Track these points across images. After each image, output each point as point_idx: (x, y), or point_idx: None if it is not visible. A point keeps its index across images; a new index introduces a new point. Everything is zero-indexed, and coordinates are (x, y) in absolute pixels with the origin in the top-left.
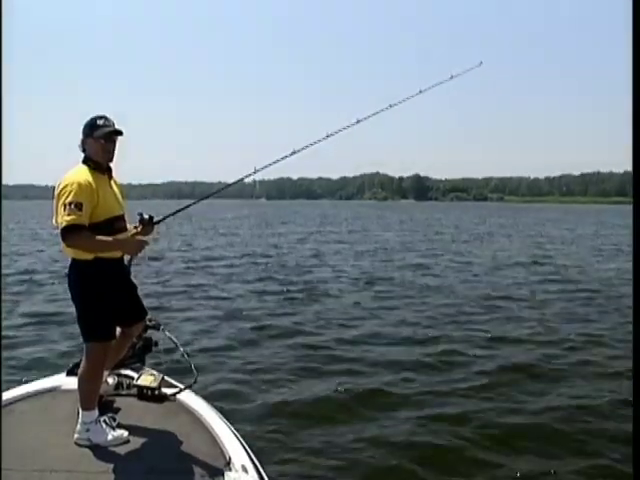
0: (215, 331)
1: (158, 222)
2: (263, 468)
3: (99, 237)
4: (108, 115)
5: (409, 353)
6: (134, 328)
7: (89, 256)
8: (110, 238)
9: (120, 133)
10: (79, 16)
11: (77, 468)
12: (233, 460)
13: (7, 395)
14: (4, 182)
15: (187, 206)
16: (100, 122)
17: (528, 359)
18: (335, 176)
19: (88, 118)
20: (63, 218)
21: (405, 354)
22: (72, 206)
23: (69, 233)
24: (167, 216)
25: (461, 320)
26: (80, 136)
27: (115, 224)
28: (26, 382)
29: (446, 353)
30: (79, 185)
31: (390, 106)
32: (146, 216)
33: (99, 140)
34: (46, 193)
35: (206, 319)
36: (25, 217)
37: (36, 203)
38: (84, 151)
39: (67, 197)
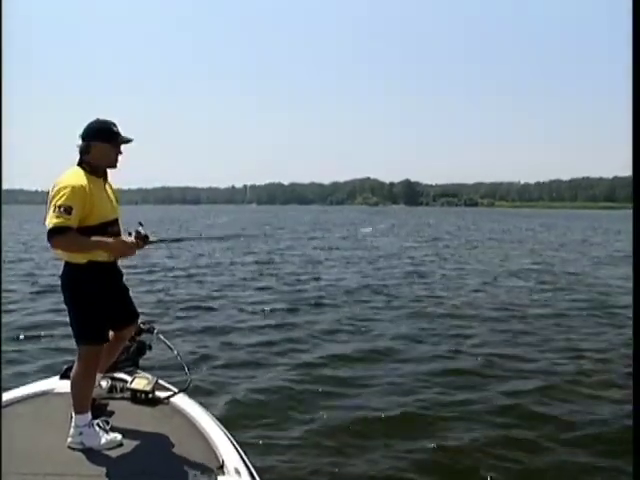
0: (209, 336)
1: (151, 243)
2: (256, 471)
3: (84, 238)
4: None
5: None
6: (126, 331)
7: (82, 259)
8: (95, 238)
9: (131, 141)
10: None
11: (70, 471)
12: (226, 463)
13: None
14: None
15: (184, 239)
16: (115, 129)
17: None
18: (326, 181)
19: (94, 121)
20: (51, 220)
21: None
22: (61, 209)
23: (55, 235)
24: (163, 240)
25: (469, 335)
26: (78, 137)
27: (109, 228)
28: (19, 385)
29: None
30: (72, 189)
31: None
32: (142, 232)
33: (117, 147)
34: (36, 198)
35: (200, 324)
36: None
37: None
38: (84, 153)
39: (59, 200)
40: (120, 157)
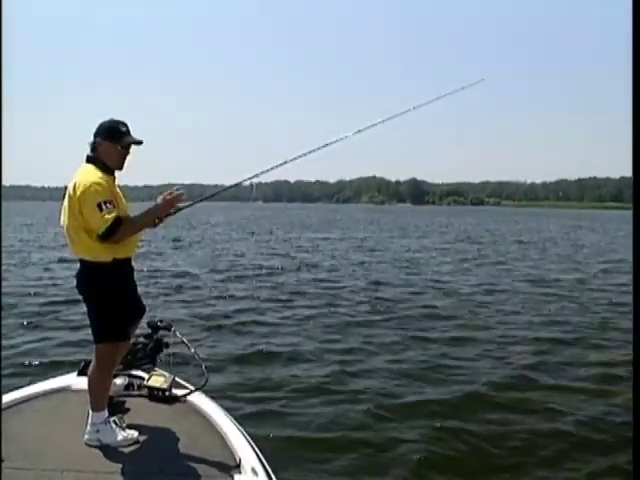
0: (226, 334)
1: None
2: (273, 471)
3: (136, 216)
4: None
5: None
6: (134, 327)
7: (108, 257)
8: (142, 212)
9: (141, 143)
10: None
11: (87, 468)
12: (243, 462)
13: (18, 394)
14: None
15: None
16: (123, 129)
17: None
18: (332, 179)
19: (106, 120)
20: (104, 217)
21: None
22: (108, 204)
23: (115, 229)
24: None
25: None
26: (91, 135)
27: None
28: (37, 381)
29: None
30: (102, 185)
31: (383, 121)
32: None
33: (121, 148)
34: (42, 194)
35: (218, 323)
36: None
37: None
38: (94, 151)
39: (97, 197)
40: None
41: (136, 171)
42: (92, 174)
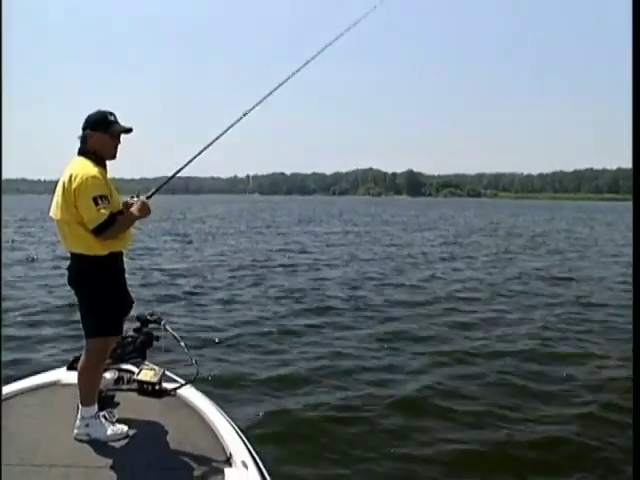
0: (217, 327)
1: (150, 196)
2: (264, 464)
3: (124, 216)
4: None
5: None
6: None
7: (104, 251)
8: (127, 214)
9: (131, 131)
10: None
11: (76, 463)
12: (233, 456)
13: (7, 389)
14: None
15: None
16: (112, 118)
17: None
18: (328, 171)
19: (93, 112)
20: (99, 212)
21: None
22: (103, 200)
23: (108, 225)
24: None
25: None
26: (80, 128)
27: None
28: (26, 376)
29: None
30: (98, 178)
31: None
32: (135, 198)
33: (113, 137)
34: (37, 187)
35: (209, 316)
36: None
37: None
38: (83, 143)
39: (94, 191)
40: (120, 147)
41: (132, 164)
42: (88, 167)
